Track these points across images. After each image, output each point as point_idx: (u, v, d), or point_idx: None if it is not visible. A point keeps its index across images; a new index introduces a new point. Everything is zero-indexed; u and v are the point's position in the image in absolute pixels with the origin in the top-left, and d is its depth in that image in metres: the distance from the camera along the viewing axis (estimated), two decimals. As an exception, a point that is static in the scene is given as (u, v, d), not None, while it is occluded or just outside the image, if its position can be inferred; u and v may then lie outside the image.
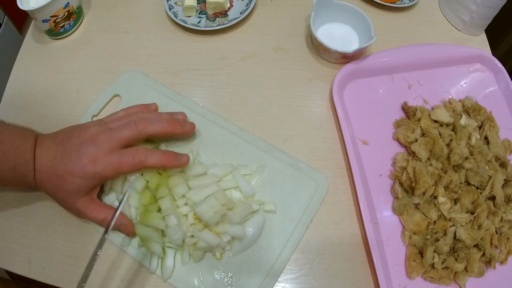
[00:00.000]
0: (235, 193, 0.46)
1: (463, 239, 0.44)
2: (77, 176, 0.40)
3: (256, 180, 0.48)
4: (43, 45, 0.60)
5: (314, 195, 0.47)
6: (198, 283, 0.43)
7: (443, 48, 0.58)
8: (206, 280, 0.43)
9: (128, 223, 0.43)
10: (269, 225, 0.45)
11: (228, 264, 0.43)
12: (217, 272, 0.43)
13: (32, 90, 0.56)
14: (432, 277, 0.43)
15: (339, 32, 0.59)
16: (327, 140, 0.52)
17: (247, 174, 0.47)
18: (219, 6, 0.60)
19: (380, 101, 0.54)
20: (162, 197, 0.43)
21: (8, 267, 0.44)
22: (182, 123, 0.47)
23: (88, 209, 0.42)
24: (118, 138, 0.43)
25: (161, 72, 0.56)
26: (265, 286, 0.43)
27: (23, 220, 0.47)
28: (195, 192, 0.43)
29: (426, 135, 0.49)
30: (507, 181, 0.48)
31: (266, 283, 0.43)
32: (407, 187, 0.47)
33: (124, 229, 0.43)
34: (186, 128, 0.48)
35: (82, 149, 0.41)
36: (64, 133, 0.44)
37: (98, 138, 0.42)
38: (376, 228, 0.45)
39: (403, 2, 0.62)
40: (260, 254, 0.44)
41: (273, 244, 0.44)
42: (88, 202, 0.42)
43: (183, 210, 0.44)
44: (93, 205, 0.42)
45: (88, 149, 0.41)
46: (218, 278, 0.43)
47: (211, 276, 0.43)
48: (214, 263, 0.44)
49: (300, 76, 0.56)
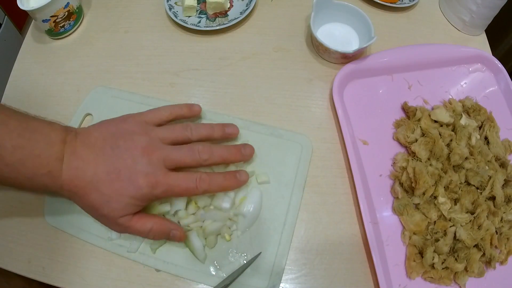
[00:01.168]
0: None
1: (463, 239, 0.44)
2: (129, 197, 0.36)
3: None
4: (43, 45, 0.60)
5: (301, 157, 0.49)
6: (215, 271, 0.43)
7: (443, 48, 0.58)
8: (222, 265, 0.43)
9: (176, 226, 0.40)
10: (267, 196, 0.46)
11: (239, 245, 0.44)
12: (231, 254, 0.44)
13: (32, 90, 0.56)
14: (432, 277, 0.43)
15: (339, 32, 0.59)
16: (327, 140, 0.52)
17: None
18: (219, 6, 0.60)
19: (380, 101, 0.54)
20: None
21: (8, 267, 0.44)
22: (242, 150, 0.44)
23: (132, 222, 0.38)
24: (176, 161, 0.39)
25: (161, 72, 0.56)
26: (280, 255, 0.44)
27: (23, 220, 0.47)
28: None
29: (426, 135, 0.49)
30: (507, 181, 0.48)
31: (280, 251, 0.44)
32: (407, 187, 0.47)
33: (175, 235, 0.40)
34: (246, 156, 0.45)
35: (136, 167, 0.36)
36: (102, 139, 0.38)
37: (153, 156, 0.38)
38: (376, 228, 0.45)
39: (403, 2, 0.62)
40: (267, 225, 0.45)
41: (276, 213, 0.46)
42: (131, 217, 0.38)
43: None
44: (136, 217, 0.38)
45: (143, 169, 0.37)
46: (233, 260, 0.43)
47: (226, 260, 0.43)
48: (225, 246, 0.44)
49: (300, 76, 0.56)
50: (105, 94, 0.54)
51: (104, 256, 0.44)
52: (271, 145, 0.49)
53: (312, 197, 0.48)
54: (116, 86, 0.55)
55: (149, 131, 0.40)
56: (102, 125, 0.41)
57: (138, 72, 0.57)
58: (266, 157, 0.48)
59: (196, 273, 0.43)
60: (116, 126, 0.40)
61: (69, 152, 0.37)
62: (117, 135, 0.39)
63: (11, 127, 0.36)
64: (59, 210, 0.46)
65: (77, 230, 0.45)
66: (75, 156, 0.37)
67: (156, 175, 0.37)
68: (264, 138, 0.50)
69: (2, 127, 0.35)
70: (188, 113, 0.47)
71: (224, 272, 0.43)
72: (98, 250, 0.44)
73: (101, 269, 0.44)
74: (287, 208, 0.46)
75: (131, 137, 0.39)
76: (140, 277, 0.43)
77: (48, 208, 0.46)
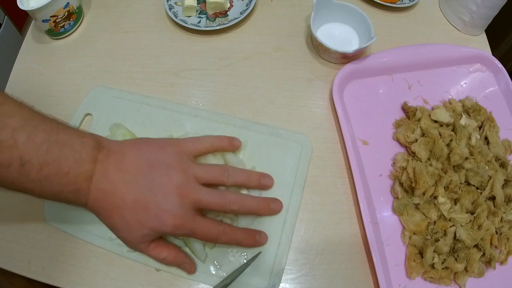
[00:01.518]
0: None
1: (463, 239, 0.44)
2: (151, 229, 0.36)
3: (243, 156, 0.49)
4: (43, 45, 0.60)
5: (301, 157, 0.49)
6: (215, 271, 0.43)
7: (443, 48, 0.58)
8: (222, 264, 0.43)
9: (189, 260, 0.41)
10: (267, 195, 0.46)
11: None
12: (231, 254, 0.44)
13: (32, 90, 0.56)
14: (432, 277, 0.43)
15: (339, 32, 0.59)
16: (327, 140, 0.52)
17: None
18: (219, 6, 0.60)
19: (380, 101, 0.54)
20: None
21: (8, 267, 0.44)
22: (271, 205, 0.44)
23: (148, 249, 0.39)
24: (205, 206, 0.39)
25: (161, 72, 0.56)
26: (280, 255, 0.44)
27: (23, 220, 0.47)
28: None
29: (426, 135, 0.49)
30: (507, 181, 0.48)
31: (280, 251, 0.44)
32: (407, 187, 0.47)
33: (186, 267, 0.41)
34: (274, 211, 0.44)
35: (166, 206, 0.36)
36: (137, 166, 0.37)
37: (184, 197, 0.37)
38: (376, 228, 0.45)
39: (403, 2, 0.62)
40: (267, 225, 0.45)
41: None
42: (149, 243, 0.39)
43: None
44: (153, 245, 0.39)
45: (172, 209, 0.36)
46: (233, 259, 0.43)
47: (226, 259, 0.43)
48: (225, 245, 0.44)
49: (300, 76, 0.56)
50: (105, 94, 0.54)
51: (104, 256, 0.44)
52: (271, 145, 0.49)
53: (312, 197, 0.48)
54: (116, 86, 0.55)
55: (186, 167, 0.39)
56: (139, 149, 0.39)
57: (138, 72, 0.57)
58: (266, 157, 0.49)
59: (196, 272, 0.43)
60: (154, 154, 0.39)
61: (100, 173, 0.36)
62: (153, 166, 0.38)
63: (39, 141, 0.34)
64: (59, 210, 0.46)
65: (77, 230, 0.45)
66: (105, 179, 0.36)
67: (183, 218, 0.37)
68: (264, 138, 0.50)
69: (30, 142, 0.33)
70: (228, 146, 0.46)
71: (224, 272, 0.43)
72: (98, 250, 0.44)
73: (101, 269, 0.44)
74: (286, 208, 0.46)
75: (167, 172, 0.38)
76: (140, 277, 0.43)
77: (48, 208, 0.46)
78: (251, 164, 0.48)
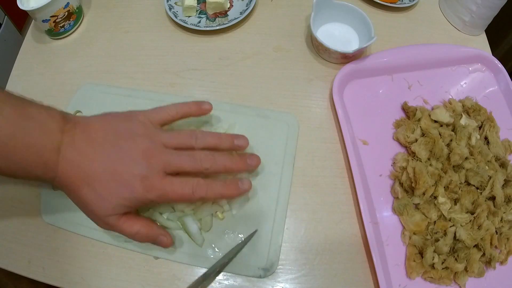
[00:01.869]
0: None
1: (463, 239, 0.44)
2: (121, 198, 0.35)
3: None
4: (43, 45, 0.60)
5: (288, 135, 0.50)
6: (213, 254, 0.43)
7: (443, 48, 0.58)
8: (220, 247, 0.44)
9: (164, 232, 0.39)
10: (258, 175, 0.47)
11: (234, 224, 0.45)
12: (227, 235, 0.44)
13: (32, 90, 0.56)
14: (432, 277, 0.43)
15: (339, 32, 0.59)
16: (327, 140, 0.52)
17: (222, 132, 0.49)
18: (219, 6, 0.60)
19: (380, 101, 0.54)
20: None
21: (8, 267, 0.44)
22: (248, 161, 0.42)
23: (119, 222, 0.37)
24: (175, 167, 0.37)
25: (161, 72, 0.56)
26: (276, 232, 0.45)
27: (23, 220, 0.47)
28: None
29: (426, 135, 0.49)
30: (507, 181, 0.48)
31: (276, 228, 0.45)
32: (407, 187, 0.47)
33: (162, 240, 0.39)
34: (251, 166, 0.43)
35: (134, 170, 0.35)
36: (104, 135, 0.37)
37: (152, 160, 0.36)
38: (376, 228, 0.45)
39: (403, 2, 0.62)
40: (260, 204, 0.46)
41: (268, 191, 0.47)
42: (119, 216, 0.37)
43: None
44: (124, 217, 0.37)
45: (140, 171, 0.35)
46: (230, 241, 0.44)
47: (223, 241, 0.44)
48: (221, 228, 0.45)
49: (300, 76, 0.56)
50: (93, 91, 0.54)
51: (104, 256, 0.44)
52: (258, 126, 0.51)
53: (312, 197, 0.48)
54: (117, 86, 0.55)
55: (152, 135, 0.39)
56: (105, 119, 0.39)
57: (138, 72, 0.57)
58: (255, 137, 0.48)
59: (195, 257, 0.43)
60: (120, 124, 0.39)
61: (67, 143, 0.35)
62: (119, 134, 0.37)
63: (5, 113, 0.33)
64: (55, 207, 0.46)
65: (74, 226, 0.45)
66: (72, 148, 0.35)
67: (153, 179, 0.36)
68: (251, 119, 0.51)
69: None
70: (196, 111, 0.44)
71: (223, 254, 0.43)
72: (98, 250, 0.44)
73: (101, 269, 0.44)
74: (278, 185, 0.47)
75: (133, 138, 0.37)
76: (140, 277, 0.43)
77: (44, 206, 0.47)
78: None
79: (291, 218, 0.47)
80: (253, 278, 0.43)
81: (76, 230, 0.45)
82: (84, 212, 0.38)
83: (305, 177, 0.49)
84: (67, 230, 0.45)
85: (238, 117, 0.51)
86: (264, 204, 0.46)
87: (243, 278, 0.43)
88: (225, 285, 0.43)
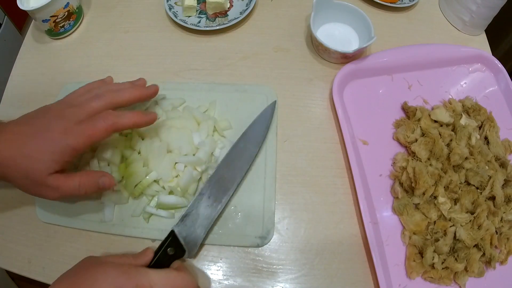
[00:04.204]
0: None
1: (463, 239, 0.44)
2: (49, 152, 0.38)
3: (214, 114, 0.52)
4: (43, 45, 0.60)
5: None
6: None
7: (443, 48, 0.58)
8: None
9: (103, 174, 0.41)
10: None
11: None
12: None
13: (32, 90, 0.56)
14: (432, 277, 0.43)
15: (339, 32, 0.59)
16: (327, 140, 0.52)
17: (204, 111, 0.51)
18: (219, 6, 0.60)
19: (380, 101, 0.54)
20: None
21: (8, 267, 0.44)
22: (146, 87, 0.46)
23: (60, 180, 0.39)
24: (86, 109, 0.41)
25: (161, 72, 0.56)
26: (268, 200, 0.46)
27: (23, 220, 0.47)
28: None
29: (426, 135, 0.49)
30: (507, 181, 0.48)
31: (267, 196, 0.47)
32: (407, 187, 0.47)
33: (106, 182, 0.41)
34: (151, 90, 0.46)
35: (51, 125, 0.39)
36: (27, 116, 0.42)
37: (65, 113, 0.40)
38: (376, 228, 0.45)
39: (403, 2, 0.62)
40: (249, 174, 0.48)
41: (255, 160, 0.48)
42: (58, 176, 0.39)
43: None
44: (63, 175, 0.40)
45: (57, 123, 0.39)
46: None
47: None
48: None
49: (300, 76, 0.56)
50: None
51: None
52: (238, 101, 0.53)
53: (312, 197, 0.48)
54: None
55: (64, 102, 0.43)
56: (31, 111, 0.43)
57: (138, 72, 0.56)
58: (236, 112, 0.52)
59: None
60: (43, 107, 0.42)
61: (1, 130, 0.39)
62: (40, 110, 0.42)
63: None
64: (49, 205, 0.46)
65: (69, 220, 0.46)
66: (4, 132, 0.39)
67: (68, 126, 0.39)
68: (231, 95, 0.53)
69: None
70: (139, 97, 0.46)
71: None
72: (98, 251, 0.45)
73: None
74: (265, 151, 0.49)
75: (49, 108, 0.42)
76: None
77: (39, 205, 0.47)
78: (225, 120, 0.51)
79: (291, 218, 0.47)
80: (251, 248, 0.44)
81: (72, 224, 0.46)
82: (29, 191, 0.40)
83: (305, 177, 0.49)
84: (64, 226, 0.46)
85: (217, 95, 0.53)
86: (253, 175, 0.47)
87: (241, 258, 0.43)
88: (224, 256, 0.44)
